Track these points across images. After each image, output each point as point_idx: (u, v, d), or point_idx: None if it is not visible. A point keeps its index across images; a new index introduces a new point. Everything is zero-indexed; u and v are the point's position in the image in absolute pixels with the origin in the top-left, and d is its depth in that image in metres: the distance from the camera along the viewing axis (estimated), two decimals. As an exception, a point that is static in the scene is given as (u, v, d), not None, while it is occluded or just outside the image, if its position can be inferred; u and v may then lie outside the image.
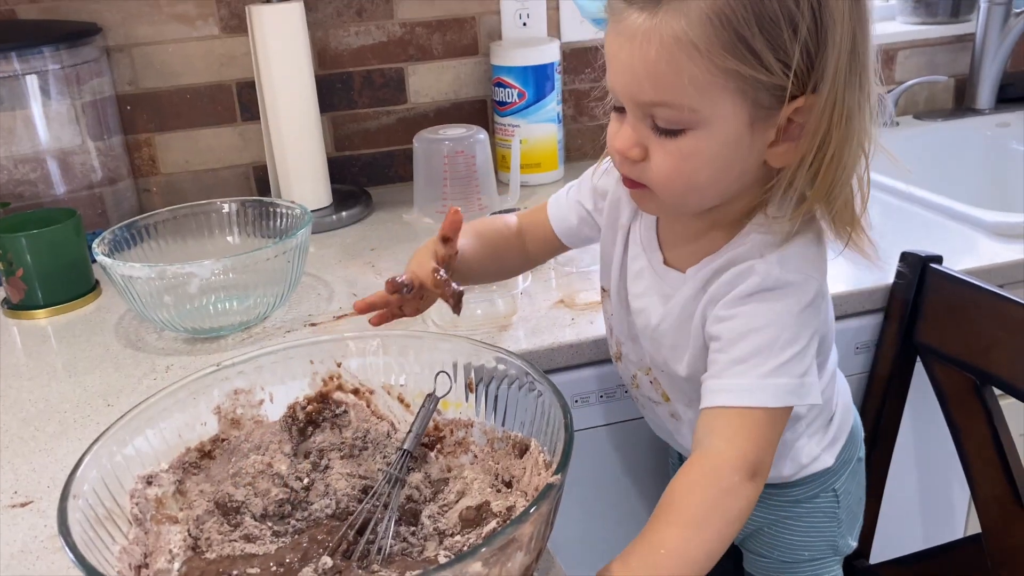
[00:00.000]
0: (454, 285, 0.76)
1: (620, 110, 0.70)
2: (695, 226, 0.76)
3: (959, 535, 1.26)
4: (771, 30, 0.61)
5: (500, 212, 1.16)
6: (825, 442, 0.88)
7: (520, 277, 1.03)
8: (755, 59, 0.62)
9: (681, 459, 0.98)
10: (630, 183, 0.73)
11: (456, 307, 0.76)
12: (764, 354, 0.68)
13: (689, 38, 0.61)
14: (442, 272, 0.76)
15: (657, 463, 1.10)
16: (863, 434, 0.96)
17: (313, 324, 1.07)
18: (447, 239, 0.78)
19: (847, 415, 0.91)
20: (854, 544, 0.96)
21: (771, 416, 0.68)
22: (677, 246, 0.79)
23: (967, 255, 1.12)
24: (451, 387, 0.76)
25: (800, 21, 0.61)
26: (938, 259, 1.02)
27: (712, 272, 0.73)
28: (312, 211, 1.25)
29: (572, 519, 1.08)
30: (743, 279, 0.70)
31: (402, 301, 0.81)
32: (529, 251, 0.93)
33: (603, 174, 0.86)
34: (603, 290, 0.88)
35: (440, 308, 1.03)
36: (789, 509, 0.91)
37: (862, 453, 0.95)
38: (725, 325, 0.70)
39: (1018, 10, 1.65)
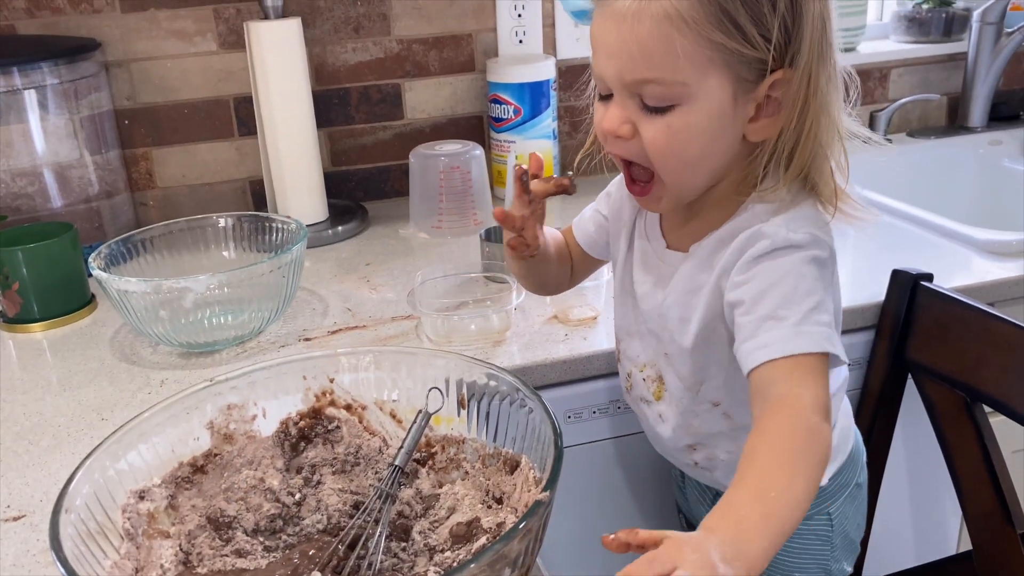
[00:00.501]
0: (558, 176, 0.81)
1: (604, 99, 0.75)
2: (693, 208, 0.79)
3: (952, 552, 1.26)
4: (753, 5, 0.66)
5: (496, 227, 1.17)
6: None
7: (514, 293, 1.04)
8: (739, 33, 0.67)
9: (684, 476, 0.98)
10: (631, 182, 0.77)
11: (572, 189, 0.81)
12: (788, 305, 0.69)
13: (679, 13, 0.66)
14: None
15: (657, 475, 1.10)
16: (865, 459, 0.95)
17: (307, 339, 1.08)
18: (535, 176, 0.82)
19: (846, 437, 0.91)
20: (849, 569, 0.95)
21: (819, 361, 0.67)
22: (678, 229, 0.82)
23: (959, 272, 1.13)
24: (443, 403, 0.76)
25: None
26: (929, 277, 1.03)
27: (716, 243, 0.76)
28: (308, 226, 1.25)
29: (572, 532, 1.08)
30: (753, 242, 0.72)
31: (524, 221, 0.82)
32: (572, 264, 0.96)
33: (614, 182, 0.90)
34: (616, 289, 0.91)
35: (433, 323, 1.04)
36: None
37: (863, 479, 0.94)
38: (744, 288, 0.71)
39: (1009, 29, 1.66)
